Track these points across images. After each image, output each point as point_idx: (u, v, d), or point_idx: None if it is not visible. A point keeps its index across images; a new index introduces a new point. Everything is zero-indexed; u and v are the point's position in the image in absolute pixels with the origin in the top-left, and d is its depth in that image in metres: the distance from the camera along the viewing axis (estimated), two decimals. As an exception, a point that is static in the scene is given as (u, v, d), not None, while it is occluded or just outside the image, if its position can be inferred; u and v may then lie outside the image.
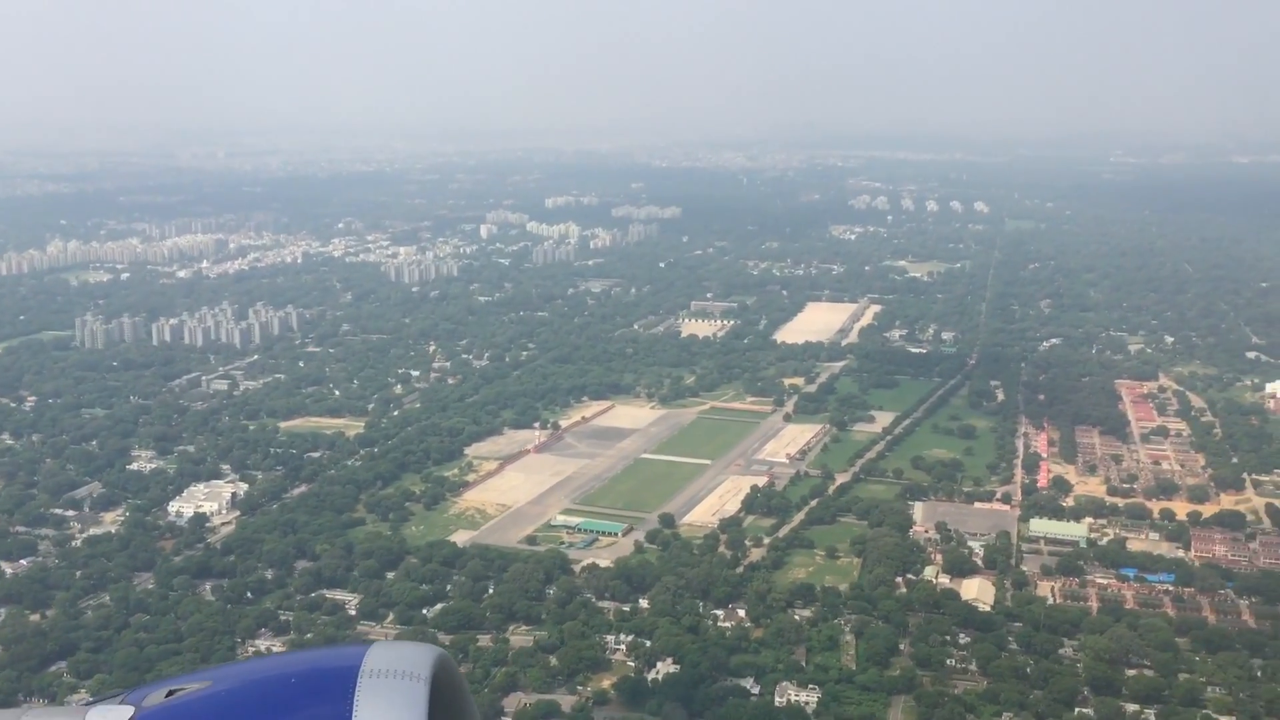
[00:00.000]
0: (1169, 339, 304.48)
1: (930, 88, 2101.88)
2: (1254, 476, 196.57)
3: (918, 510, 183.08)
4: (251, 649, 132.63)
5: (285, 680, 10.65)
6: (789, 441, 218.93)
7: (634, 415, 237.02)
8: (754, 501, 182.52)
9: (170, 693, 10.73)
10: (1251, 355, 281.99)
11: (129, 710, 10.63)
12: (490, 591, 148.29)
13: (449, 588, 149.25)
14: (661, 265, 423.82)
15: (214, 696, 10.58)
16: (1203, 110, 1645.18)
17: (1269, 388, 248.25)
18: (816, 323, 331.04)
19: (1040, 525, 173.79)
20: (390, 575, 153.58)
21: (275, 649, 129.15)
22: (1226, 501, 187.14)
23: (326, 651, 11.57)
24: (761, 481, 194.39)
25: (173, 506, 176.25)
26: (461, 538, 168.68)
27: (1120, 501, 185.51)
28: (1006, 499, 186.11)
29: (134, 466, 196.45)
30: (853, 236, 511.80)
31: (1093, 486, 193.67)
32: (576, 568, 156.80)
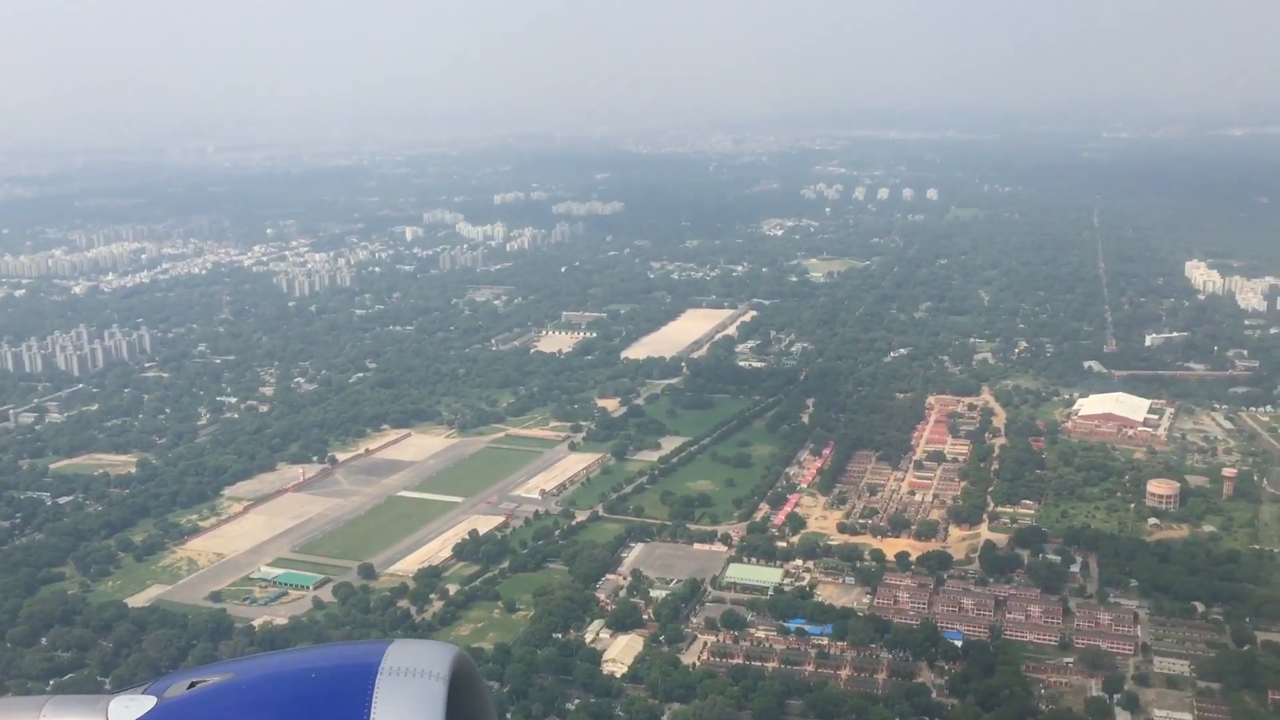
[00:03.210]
0: (1022, 346, 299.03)
1: (939, 60, 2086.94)
2: (997, 509, 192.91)
3: (635, 553, 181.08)
4: None
5: (305, 675, 11.06)
6: (559, 474, 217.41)
7: (423, 446, 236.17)
8: (465, 547, 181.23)
9: (192, 684, 11.11)
10: (1088, 365, 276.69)
11: (151, 701, 11.00)
12: (129, 660, 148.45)
13: (86, 657, 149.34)
14: (562, 270, 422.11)
15: (235, 689, 10.94)
16: (1210, 77, 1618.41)
17: (1077, 404, 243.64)
18: (680, 333, 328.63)
19: (737, 571, 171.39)
20: (44, 641, 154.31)
21: None
22: (955, 537, 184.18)
23: (347, 648, 12.08)
24: (498, 522, 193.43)
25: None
26: (151, 594, 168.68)
27: (844, 540, 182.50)
28: (726, 540, 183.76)
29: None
30: (780, 232, 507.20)
31: (830, 523, 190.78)
32: (240, 628, 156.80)
